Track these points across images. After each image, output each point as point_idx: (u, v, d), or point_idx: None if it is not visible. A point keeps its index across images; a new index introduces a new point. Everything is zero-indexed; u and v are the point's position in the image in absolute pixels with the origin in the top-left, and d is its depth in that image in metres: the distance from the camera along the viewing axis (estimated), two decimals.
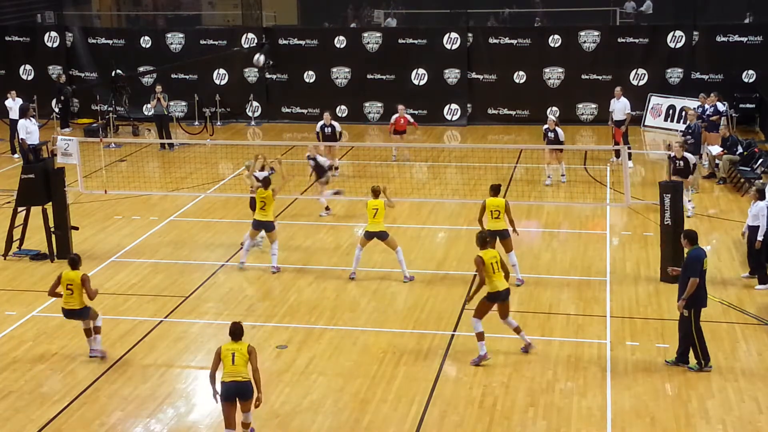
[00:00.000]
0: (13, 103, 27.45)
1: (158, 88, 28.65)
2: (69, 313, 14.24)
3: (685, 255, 13.87)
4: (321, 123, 24.75)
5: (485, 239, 14.04)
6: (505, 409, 12.66)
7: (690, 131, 23.19)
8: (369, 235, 17.19)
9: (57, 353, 14.63)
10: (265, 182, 17.98)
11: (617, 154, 25.45)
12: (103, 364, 14.15)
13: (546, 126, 23.69)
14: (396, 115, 26.14)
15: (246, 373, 11.51)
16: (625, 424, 12.27)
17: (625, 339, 14.74)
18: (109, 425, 12.51)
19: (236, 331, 11.69)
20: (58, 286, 14.15)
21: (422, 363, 14.08)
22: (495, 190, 16.93)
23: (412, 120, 26.40)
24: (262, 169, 19.27)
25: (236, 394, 11.51)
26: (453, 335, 14.99)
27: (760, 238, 16.51)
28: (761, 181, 22.06)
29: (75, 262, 14.19)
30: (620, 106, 25.59)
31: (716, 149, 24.01)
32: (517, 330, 14.17)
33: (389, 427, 12.34)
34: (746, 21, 31.31)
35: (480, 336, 13.85)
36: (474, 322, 13.88)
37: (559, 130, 23.44)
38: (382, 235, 17.18)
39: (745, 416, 12.42)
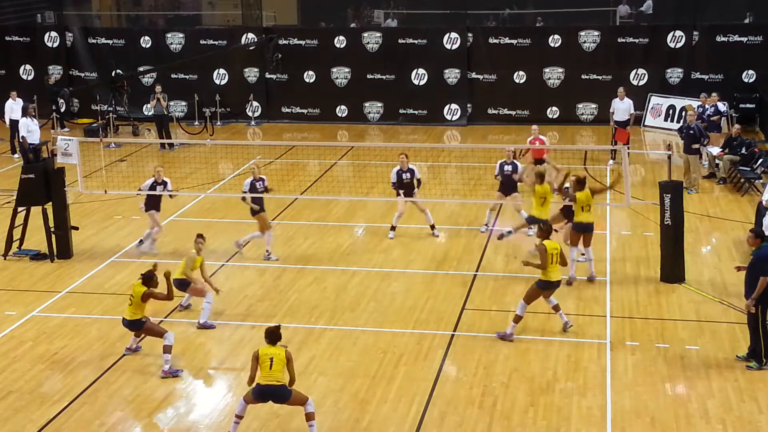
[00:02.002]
0: (15, 104, 27.44)
1: (158, 88, 28.66)
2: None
3: (754, 251, 13.66)
4: (397, 169, 19.61)
5: (548, 230, 14.98)
6: (505, 409, 12.66)
7: (690, 131, 23.16)
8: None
9: (57, 353, 14.63)
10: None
11: (613, 155, 25.47)
12: (103, 364, 14.14)
13: (502, 160, 19.67)
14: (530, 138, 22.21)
15: (283, 378, 11.57)
16: (625, 424, 12.27)
17: (625, 339, 14.73)
18: (109, 425, 12.51)
19: (273, 335, 11.69)
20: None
21: (422, 363, 14.07)
22: (581, 184, 16.96)
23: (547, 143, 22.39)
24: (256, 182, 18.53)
25: (271, 397, 11.66)
26: (453, 335, 14.99)
27: None
28: (761, 181, 22.14)
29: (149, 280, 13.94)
30: (624, 107, 25.59)
31: (716, 149, 24.03)
32: (556, 308, 14.93)
33: (389, 427, 12.34)
34: (746, 21, 31.30)
35: (517, 319, 14.63)
36: (521, 305, 14.65)
37: (518, 163, 19.77)
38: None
39: (745, 416, 12.42)
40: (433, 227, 19.72)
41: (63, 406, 12.99)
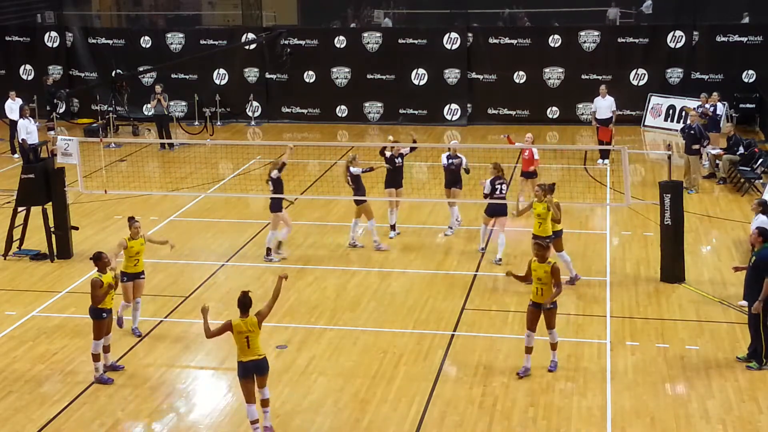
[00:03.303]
0: (14, 104, 27.44)
1: (158, 88, 28.65)
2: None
3: (756, 252, 13.60)
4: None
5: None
6: (505, 409, 12.66)
7: (691, 131, 23.16)
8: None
9: (57, 353, 14.63)
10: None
11: (602, 155, 25.45)
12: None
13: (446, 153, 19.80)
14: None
15: (261, 350, 11.89)
16: (625, 424, 12.27)
17: (625, 339, 14.73)
18: (109, 425, 12.51)
19: (244, 305, 11.90)
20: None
21: (422, 363, 14.07)
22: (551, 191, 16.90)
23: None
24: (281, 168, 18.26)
25: (254, 371, 11.85)
26: (453, 335, 14.99)
27: None
28: (761, 181, 22.14)
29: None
30: (606, 104, 25.64)
31: (716, 149, 24.03)
32: (553, 347, 13.71)
33: (389, 427, 12.34)
34: (745, 21, 31.30)
35: (528, 350, 13.59)
36: (526, 335, 13.59)
37: (462, 157, 19.74)
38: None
39: (745, 416, 12.42)
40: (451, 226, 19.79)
41: (63, 406, 12.99)
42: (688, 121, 23.92)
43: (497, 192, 18.15)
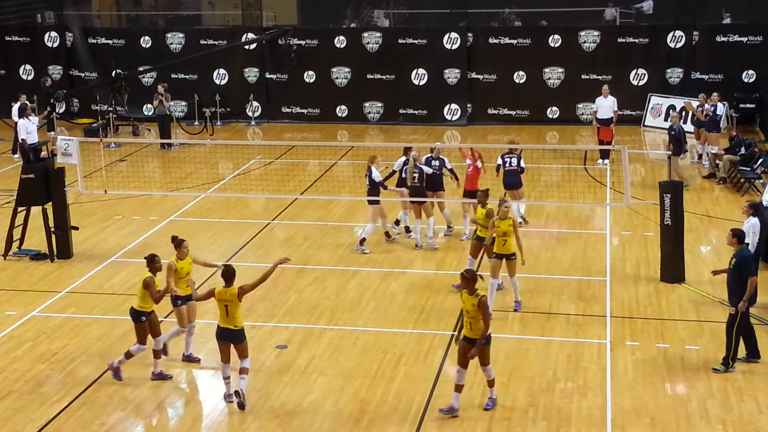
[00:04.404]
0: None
1: (161, 88, 28.64)
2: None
3: (735, 254, 13.52)
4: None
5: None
6: (505, 409, 12.66)
7: (672, 132, 23.23)
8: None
9: (57, 353, 14.63)
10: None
11: (603, 155, 25.45)
12: (103, 364, 14.13)
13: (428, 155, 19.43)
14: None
15: (239, 322, 12.67)
16: (625, 424, 12.27)
17: (625, 339, 14.73)
18: (109, 425, 12.51)
19: (229, 276, 12.74)
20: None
21: (422, 363, 14.08)
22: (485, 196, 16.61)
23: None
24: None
25: (228, 339, 12.69)
26: (453, 335, 14.95)
27: None
28: (761, 181, 22.14)
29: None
30: (608, 104, 25.65)
31: (715, 149, 24.04)
32: (490, 383, 12.70)
33: (389, 427, 12.34)
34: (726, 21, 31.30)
35: (457, 388, 12.46)
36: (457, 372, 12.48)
37: (445, 158, 19.42)
38: None
39: (745, 416, 12.42)
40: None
41: (63, 406, 12.99)
42: (669, 122, 23.94)
43: (506, 165, 19.43)
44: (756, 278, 13.44)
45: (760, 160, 22.76)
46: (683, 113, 26.95)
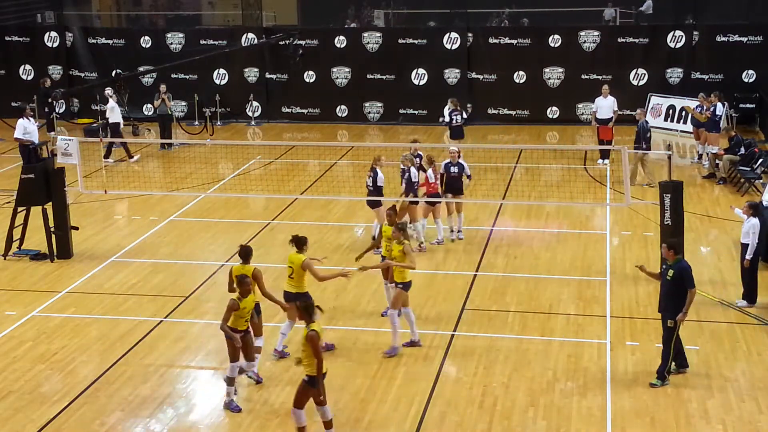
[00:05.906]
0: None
1: (162, 88, 28.63)
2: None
3: (671, 265, 13.11)
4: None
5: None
6: (505, 409, 12.66)
7: (637, 130, 23.31)
8: None
9: (57, 353, 14.63)
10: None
11: (603, 155, 25.45)
12: (103, 364, 14.14)
13: (447, 161, 19.32)
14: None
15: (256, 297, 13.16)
16: (625, 424, 12.27)
17: (625, 339, 14.73)
18: (109, 425, 12.51)
19: (246, 255, 13.65)
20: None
21: (422, 363, 14.07)
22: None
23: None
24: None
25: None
26: (453, 335, 14.99)
27: (748, 257, 15.66)
28: (761, 181, 22.14)
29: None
30: (608, 104, 25.66)
31: (715, 149, 24.04)
32: (327, 425, 11.83)
33: (389, 427, 12.34)
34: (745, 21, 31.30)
35: (300, 430, 11.79)
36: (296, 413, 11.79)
37: (464, 163, 19.38)
38: None
39: (745, 416, 12.42)
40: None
41: (63, 406, 12.99)
42: (636, 118, 23.91)
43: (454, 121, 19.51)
44: (695, 290, 13.06)
45: (760, 160, 22.75)
46: (648, 111, 26.87)
